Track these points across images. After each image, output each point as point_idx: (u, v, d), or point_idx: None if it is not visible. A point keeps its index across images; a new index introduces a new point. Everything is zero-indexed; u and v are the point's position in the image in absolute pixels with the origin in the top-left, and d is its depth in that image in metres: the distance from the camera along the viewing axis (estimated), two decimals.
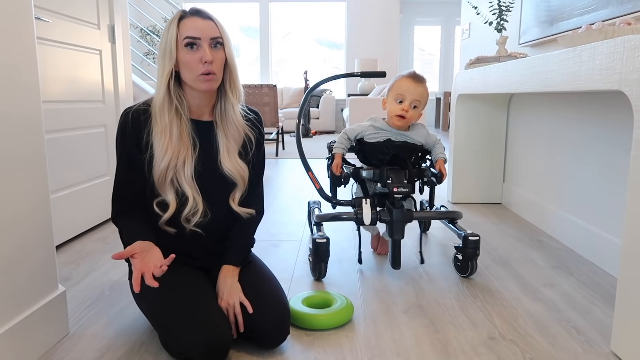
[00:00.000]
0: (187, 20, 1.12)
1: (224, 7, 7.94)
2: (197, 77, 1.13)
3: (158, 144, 1.15)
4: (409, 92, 1.59)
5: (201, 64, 1.11)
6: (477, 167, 2.73)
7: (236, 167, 1.22)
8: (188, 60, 1.12)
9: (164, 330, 1.11)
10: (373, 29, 7.76)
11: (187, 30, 1.11)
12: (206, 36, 1.12)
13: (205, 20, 1.13)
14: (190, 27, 1.11)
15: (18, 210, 1.08)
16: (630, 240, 1.09)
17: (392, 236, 1.57)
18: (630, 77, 1.08)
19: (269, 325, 1.14)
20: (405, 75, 1.63)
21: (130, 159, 1.18)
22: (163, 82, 1.14)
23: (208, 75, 1.13)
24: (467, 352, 1.17)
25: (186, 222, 1.19)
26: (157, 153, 1.15)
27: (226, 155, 1.22)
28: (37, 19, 1.74)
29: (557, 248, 1.96)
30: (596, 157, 1.82)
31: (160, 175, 1.15)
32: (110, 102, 2.32)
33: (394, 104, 1.61)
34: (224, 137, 1.22)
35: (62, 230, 1.94)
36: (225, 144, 1.22)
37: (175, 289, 1.13)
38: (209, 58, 1.11)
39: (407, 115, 1.59)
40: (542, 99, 2.27)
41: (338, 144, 1.69)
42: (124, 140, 1.18)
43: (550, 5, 2.29)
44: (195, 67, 1.12)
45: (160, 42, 1.16)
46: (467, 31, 3.70)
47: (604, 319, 1.34)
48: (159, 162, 1.15)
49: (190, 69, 1.12)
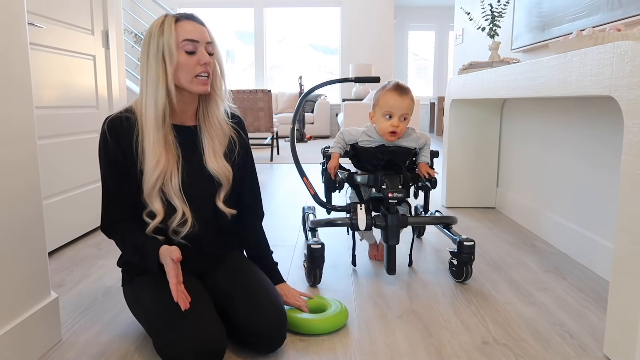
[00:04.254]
0: (185, 23, 1.13)
1: (218, 12, 7.94)
2: (192, 79, 1.14)
3: (149, 156, 1.13)
4: (396, 107, 1.59)
5: (199, 65, 1.13)
6: (471, 171, 2.74)
7: (221, 168, 1.23)
8: (186, 61, 1.12)
9: (158, 336, 1.11)
10: (367, 34, 7.80)
11: (187, 33, 1.12)
12: (203, 39, 1.14)
13: (199, 25, 1.15)
14: (189, 29, 1.12)
15: (10, 216, 1.07)
16: (622, 244, 1.09)
17: (387, 242, 1.57)
18: (620, 83, 1.09)
19: (267, 330, 1.13)
20: (389, 89, 1.61)
21: (118, 169, 1.16)
22: (161, 87, 1.12)
23: (205, 77, 1.15)
24: (460, 356, 1.17)
25: (174, 235, 1.19)
26: (148, 165, 1.13)
27: (211, 156, 1.22)
28: (30, 24, 1.73)
29: (550, 252, 1.97)
30: (588, 161, 1.84)
31: (149, 187, 1.14)
32: (104, 107, 2.31)
33: (383, 121, 1.61)
34: (208, 138, 1.23)
35: (55, 236, 1.93)
36: (210, 145, 1.22)
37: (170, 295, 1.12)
38: (208, 60, 1.14)
39: (398, 130, 1.60)
40: (535, 104, 2.29)
41: (335, 144, 1.71)
42: (108, 151, 1.15)
43: (542, 11, 2.31)
44: (193, 69, 1.13)
45: (149, 46, 1.12)
46: (461, 36, 3.73)
47: (597, 322, 1.35)
48: (149, 175, 1.13)
49: (188, 71, 1.13)
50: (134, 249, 1.16)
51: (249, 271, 1.28)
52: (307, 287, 1.60)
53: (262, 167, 4.49)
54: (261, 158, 5.14)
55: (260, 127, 4.95)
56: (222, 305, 1.18)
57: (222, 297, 1.20)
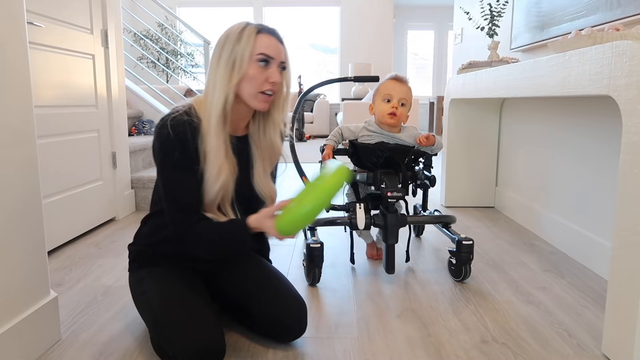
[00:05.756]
0: (265, 37, 1.11)
1: (218, 11, 7.94)
2: (256, 94, 1.12)
3: (211, 163, 1.10)
4: (395, 91, 1.64)
5: (267, 82, 1.12)
6: (470, 171, 2.75)
7: (268, 189, 1.23)
8: (255, 75, 1.10)
9: (159, 334, 1.11)
10: (367, 33, 7.80)
11: (264, 47, 1.10)
12: (278, 58, 1.13)
13: (279, 43, 1.14)
14: (267, 44, 1.11)
15: (9, 215, 1.07)
16: (621, 243, 1.10)
17: (387, 241, 1.58)
18: (619, 82, 1.09)
19: (289, 321, 1.18)
20: (388, 78, 1.69)
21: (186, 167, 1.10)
22: (230, 91, 1.10)
23: (269, 95, 1.13)
24: (459, 355, 1.18)
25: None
26: (210, 172, 1.10)
27: (261, 175, 1.22)
28: (29, 23, 1.73)
29: (549, 251, 1.97)
30: (587, 160, 1.84)
31: (211, 197, 1.12)
32: (103, 107, 2.31)
33: (382, 105, 1.65)
34: (260, 156, 1.22)
35: (55, 235, 1.93)
36: (260, 163, 1.22)
37: (174, 293, 1.13)
38: (277, 79, 1.12)
39: (398, 112, 1.63)
40: (534, 104, 2.29)
41: (331, 137, 1.73)
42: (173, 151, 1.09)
43: (541, 11, 2.31)
44: (260, 84, 1.11)
45: (223, 49, 1.10)
46: (460, 36, 3.73)
47: (596, 321, 1.35)
48: (211, 184, 1.10)
49: (255, 85, 1.11)
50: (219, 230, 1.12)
51: (264, 265, 1.31)
52: (307, 287, 1.60)
53: None
54: None
55: None
56: (240, 301, 1.22)
57: (239, 293, 1.23)
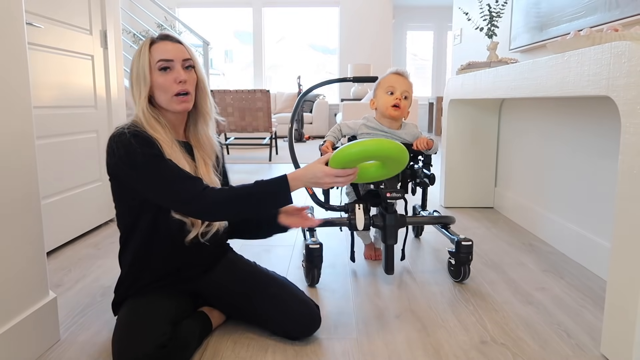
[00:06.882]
0: (158, 45, 1.15)
1: (217, 12, 7.95)
2: (171, 98, 1.15)
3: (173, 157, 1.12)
4: (398, 83, 1.65)
5: (175, 84, 1.14)
6: (469, 171, 2.75)
7: (214, 183, 1.24)
8: (162, 82, 1.14)
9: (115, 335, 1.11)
10: (366, 34, 7.80)
11: (160, 54, 1.14)
12: (178, 58, 1.15)
13: (175, 44, 1.16)
14: (162, 50, 1.14)
15: (9, 216, 1.07)
16: (620, 244, 1.10)
17: (386, 241, 1.57)
18: (617, 83, 1.10)
19: (300, 327, 1.23)
20: (390, 72, 1.70)
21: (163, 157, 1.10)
22: (144, 104, 1.14)
23: (184, 95, 1.15)
24: (459, 356, 1.18)
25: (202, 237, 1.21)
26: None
27: (205, 172, 1.23)
28: (28, 24, 1.73)
29: (548, 252, 1.98)
30: (586, 161, 1.84)
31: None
32: (102, 107, 2.31)
33: (386, 97, 1.65)
34: (201, 155, 1.24)
35: (54, 236, 1.93)
36: (202, 161, 1.24)
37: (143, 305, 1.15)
38: (183, 77, 1.14)
39: (401, 104, 1.63)
40: (533, 104, 2.29)
41: (330, 133, 1.73)
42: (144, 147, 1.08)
43: (540, 12, 2.32)
44: (170, 88, 1.14)
45: (131, 69, 1.16)
46: (459, 37, 3.74)
47: (595, 322, 1.35)
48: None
49: (165, 90, 1.14)
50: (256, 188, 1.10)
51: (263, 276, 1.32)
52: (306, 287, 1.60)
53: (261, 167, 4.49)
54: (260, 158, 5.14)
55: (258, 127, 4.94)
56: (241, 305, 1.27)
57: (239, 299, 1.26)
